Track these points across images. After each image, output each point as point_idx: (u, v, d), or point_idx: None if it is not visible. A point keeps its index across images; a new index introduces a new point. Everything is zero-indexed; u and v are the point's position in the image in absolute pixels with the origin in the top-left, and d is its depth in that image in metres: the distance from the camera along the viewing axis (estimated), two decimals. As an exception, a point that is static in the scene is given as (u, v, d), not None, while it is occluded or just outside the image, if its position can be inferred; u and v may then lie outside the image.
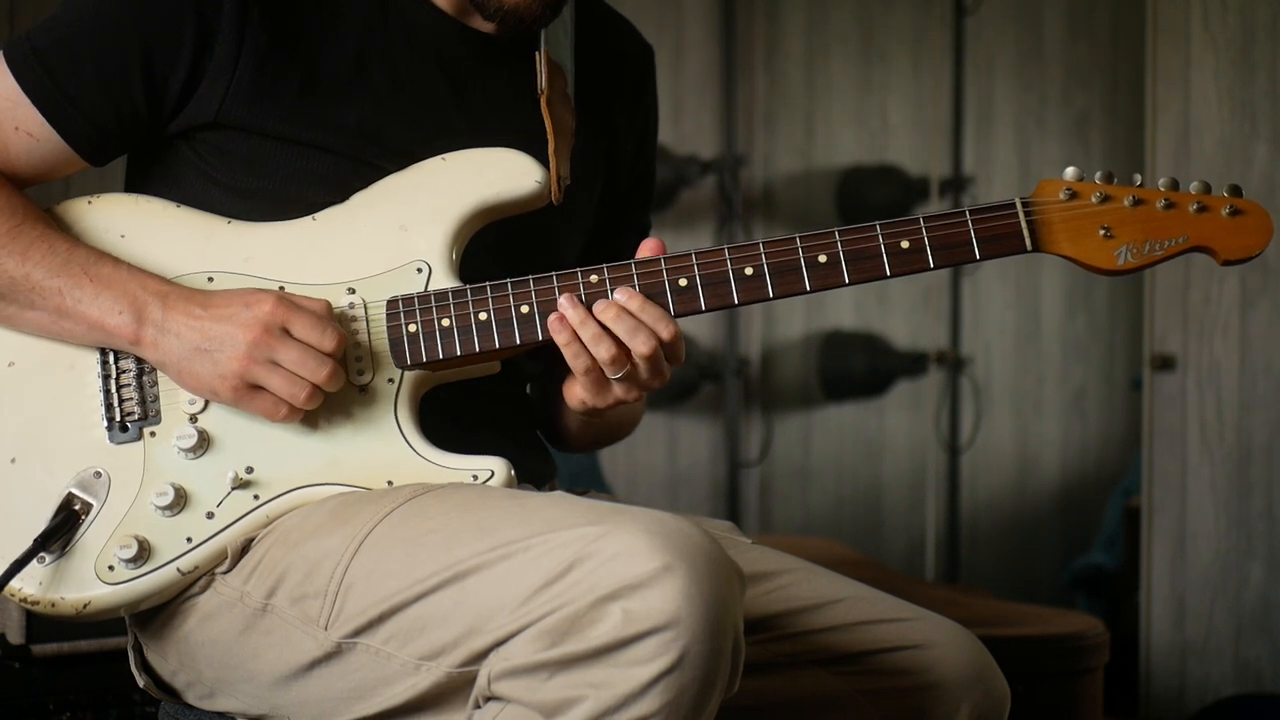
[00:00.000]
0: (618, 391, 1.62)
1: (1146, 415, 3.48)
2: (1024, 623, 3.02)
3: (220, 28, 1.63)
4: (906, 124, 4.64)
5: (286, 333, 1.55)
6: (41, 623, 2.40)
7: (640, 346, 1.57)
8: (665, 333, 1.58)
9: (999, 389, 4.60)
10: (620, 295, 1.59)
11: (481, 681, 1.41)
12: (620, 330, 1.58)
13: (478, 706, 1.42)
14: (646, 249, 1.62)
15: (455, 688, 1.45)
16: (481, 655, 1.42)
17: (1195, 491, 3.44)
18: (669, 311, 1.60)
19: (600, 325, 1.58)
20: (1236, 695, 3.38)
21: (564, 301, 1.59)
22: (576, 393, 1.64)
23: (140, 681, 1.70)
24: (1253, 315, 3.40)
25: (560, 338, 1.58)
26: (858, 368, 4.60)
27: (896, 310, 4.65)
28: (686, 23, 4.58)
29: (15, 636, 2.42)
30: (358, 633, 1.50)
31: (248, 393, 1.57)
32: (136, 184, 1.74)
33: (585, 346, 1.58)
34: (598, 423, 1.80)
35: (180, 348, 1.57)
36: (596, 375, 1.60)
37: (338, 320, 1.61)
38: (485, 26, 1.76)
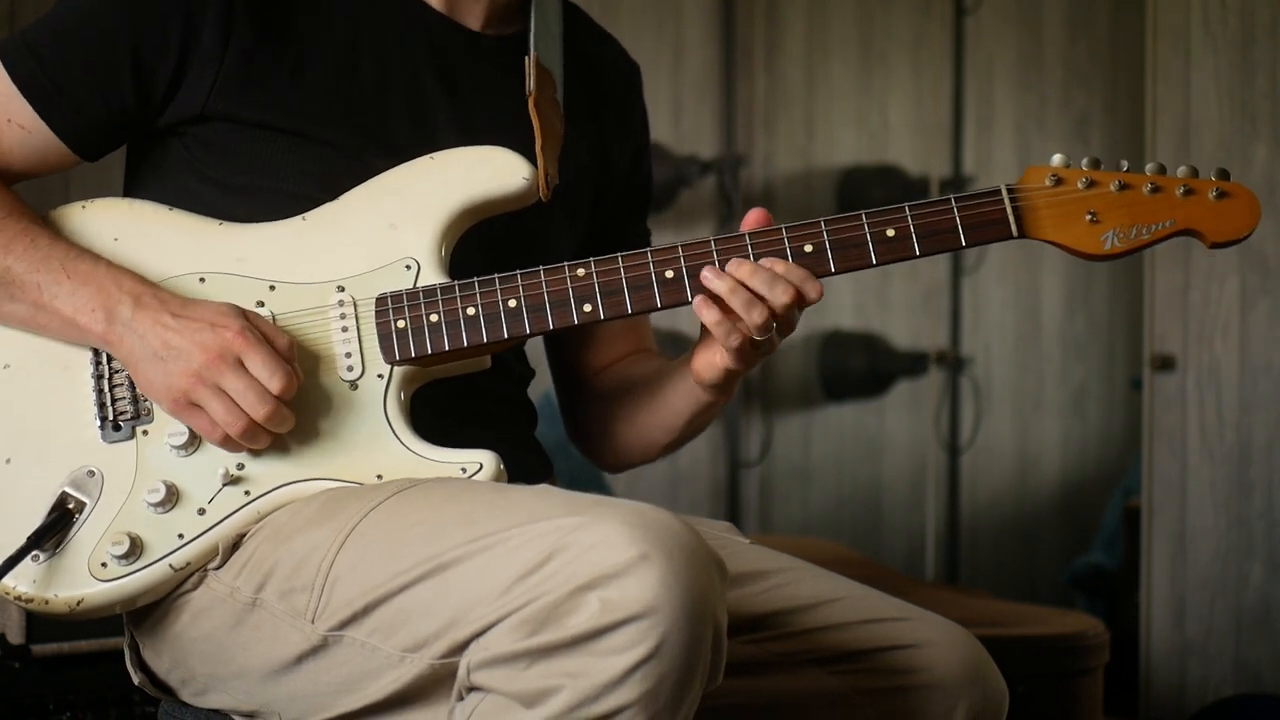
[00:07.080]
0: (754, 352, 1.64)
1: (1146, 415, 3.48)
2: (1024, 623, 3.02)
3: (207, 18, 1.64)
4: (906, 124, 4.64)
5: (240, 364, 1.56)
6: (41, 623, 2.40)
7: (780, 297, 1.59)
8: (812, 291, 1.60)
9: (999, 389, 4.60)
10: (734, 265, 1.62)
11: (462, 672, 1.42)
12: (757, 284, 1.59)
13: (460, 698, 1.43)
14: (752, 220, 1.66)
15: (439, 679, 1.46)
16: (463, 646, 1.42)
17: (1195, 491, 3.44)
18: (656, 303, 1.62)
19: (750, 290, 1.59)
20: (1236, 695, 3.37)
21: (709, 273, 1.61)
22: (718, 361, 1.65)
23: (135, 679, 1.71)
24: (1253, 315, 3.39)
25: (708, 315, 1.60)
26: (858, 368, 4.59)
27: (896, 310, 4.64)
28: (686, 23, 4.58)
29: (15, 636, 2.42)
30: (343, 625, 1.50)
31: (188, 408, 1.57)
32: (131, 181, 1.75)
33: (737, 314, 1.60)
34: (712, 406, 1.78)
35: (141, 349, 1.58)
36: (741, 337, 1.61)
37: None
38: (475, 24, 1.77)
